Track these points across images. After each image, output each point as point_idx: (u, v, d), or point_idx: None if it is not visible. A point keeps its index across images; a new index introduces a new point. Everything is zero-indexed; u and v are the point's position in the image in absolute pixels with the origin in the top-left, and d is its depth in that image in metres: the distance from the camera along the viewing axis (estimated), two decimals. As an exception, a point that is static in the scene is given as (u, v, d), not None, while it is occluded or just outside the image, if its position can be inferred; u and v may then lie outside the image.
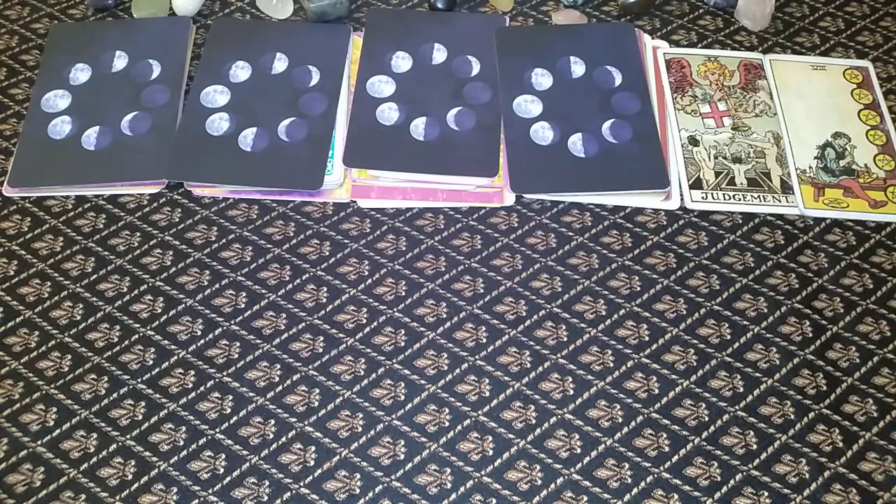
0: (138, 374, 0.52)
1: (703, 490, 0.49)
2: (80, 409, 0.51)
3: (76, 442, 0.50)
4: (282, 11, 0.69)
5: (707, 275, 0.57)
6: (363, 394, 0.52)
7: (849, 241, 0.58)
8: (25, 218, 0.59)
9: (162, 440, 0.50)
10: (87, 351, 0.53)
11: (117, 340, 0.54)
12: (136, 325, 0.54)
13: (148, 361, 0.53)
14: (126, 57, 0.65)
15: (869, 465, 0.50)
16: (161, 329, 0.54)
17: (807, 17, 0.70)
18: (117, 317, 0.55)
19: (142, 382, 0.52)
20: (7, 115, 0.64)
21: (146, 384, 0.52)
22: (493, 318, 0.55)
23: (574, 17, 0.69)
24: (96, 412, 0.51)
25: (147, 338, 0.54)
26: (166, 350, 0.53)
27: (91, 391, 0.52)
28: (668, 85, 0.65)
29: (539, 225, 0.59)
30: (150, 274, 0.57)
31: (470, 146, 0.60)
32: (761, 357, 0.53)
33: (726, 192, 0.60)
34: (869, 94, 0.65)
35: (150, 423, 0.51)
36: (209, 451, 0.50)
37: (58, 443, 0.50)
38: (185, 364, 0.53)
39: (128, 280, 0.56)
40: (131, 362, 0.53)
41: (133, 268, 0.57)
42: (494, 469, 0.49)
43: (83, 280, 0.56)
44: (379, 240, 0.58)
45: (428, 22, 0.68)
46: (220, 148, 0.60)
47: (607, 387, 0.52)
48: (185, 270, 0.57)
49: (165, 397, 0.52)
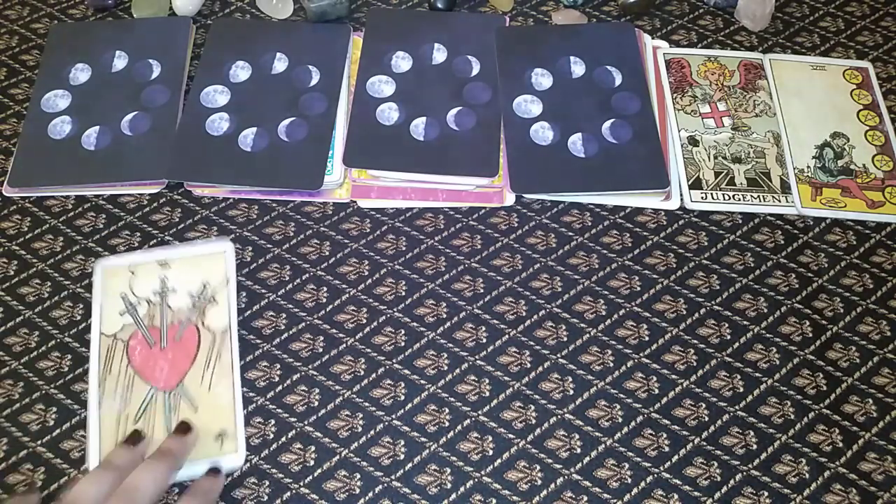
0: (138, 374, 0.52)
1: (703, 490, 0.49)
2: (80, 409, 0.51)
3: (76, 442, 0.50)
4: (282, 11, 0.69)
5: (707, 275, 0.57)
6: (363, 394, 0.52)
7: (849, 240, 0.58)
8: (25, 218, 0.59)
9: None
10: (87, 351, 0.53)
11: (117, 340, 0.54)
12: (136, 325, 0.54)
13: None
14: (126, 57, 0.65)
15: (869, 465, 0.50)
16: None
17: (807, 17, 0.70)
18: (117, 317, 0.55)
19: (142, 382, 0.52)
20: (7, 115, 0.64)
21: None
22: (493, 318, 0.55)
23: (574, 17, 0.69)
24: (96, 412, 0.51)
25: (147, 338, 0.54)
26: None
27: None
28: (668, 85, 0.65)
29: (539, 225, 0.59)
30: (150, 274, 0.57)
31: (470, 146, 0.60)
32: (761, 357, 0.54)
33: (726, 192, 0.60)
34: (868, 95, 0.65)
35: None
36: (209, 451, 0.50)
37: (58, 443, 0.50)
38: (185, 364, 0.53)
39: (128, 280, 0.56)
40: (131, 362, 0.53)
41: (133, 268, 0.57)
42: (494, 469, 0.49)
43: (83, 280, 0.56)
44: (379, 240, 0.58)
45: (428, 22, 0.68)
46: (220, 148, 0.60)
47: (607, 387, 0.52)
48: (185, 270, 0.57)
49: (165, 397, 0.52)
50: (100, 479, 0.43)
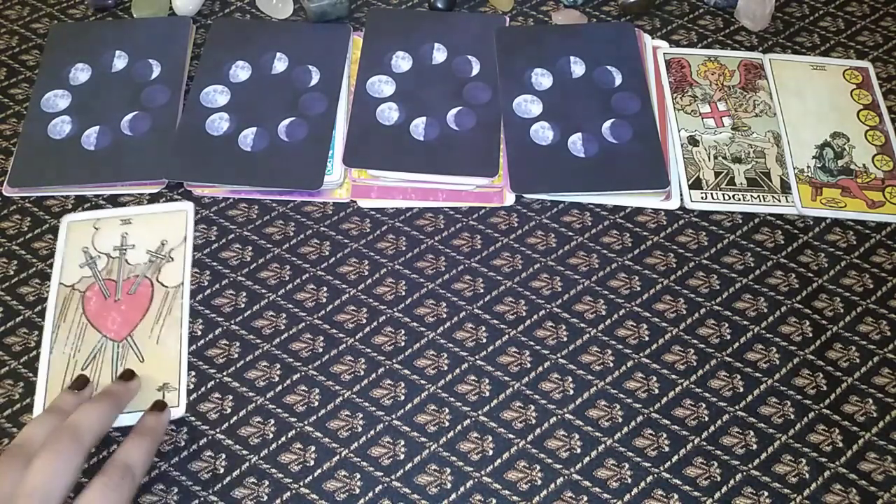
0: (138, 374, 0.52)
1: (703, 490, 0.49)
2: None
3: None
4: (282, 11, 0.69)
5: (707, 275, 0.57)
6: (363, 394, 0.52)
7: (849, 240, 0.59)
8: (25, 218, 0.59)
9: (162, 441, 0.50)
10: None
11: (117, 340, 0.54)
12: (136, 325, 0.54)
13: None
14: (126, 57, 0.65)
15: (869, 465, 0.50)
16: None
17: (807, 17, 0.70)
18: (117, 317, 0.55)
19: (142, 382, 0.52)
20: (7, 115, 0.64)
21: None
22: (493, 318, 0.55)
23: (574, 17, 0.69)
24: (96, 412, 0.51)
25: (147, 338, 0.54)
26: (166, 350, 0.53)
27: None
28: (668, 85, 0.65)
29: (539, 225, 0.59)
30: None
31: (470, 146, 0.60)
32: (761, 357, 0.54)
33: (726, 192, 0.60)
34: (868, 95, 0.65)
35: (150, 422, 0.51)
36: (209, 451, 0.50)
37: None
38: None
39: (128, 280, 0.56)
40: (131, 362, 0.53)
41: (133, 268, 0.57)
42: (494, 469, 0.49)
43: (83, 280, 0.56)
44: (379, 240, 0.58)
45: (428, 22, 0.68)
46: (220, 148, 0.60)
47: (607, 387, 0.52)
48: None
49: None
50: (45, 421, 0.45)
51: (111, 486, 0.42)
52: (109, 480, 0.42)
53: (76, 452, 0.43)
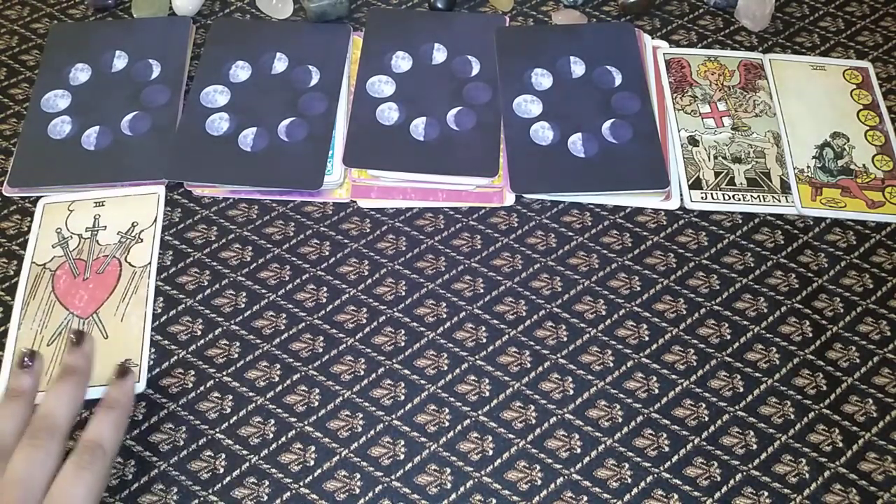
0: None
1: (703, 490, 0.49)
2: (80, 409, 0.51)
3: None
4: (282, 11, 0.69)
5: (707, 275, 0.57)
6: (363, 394, 0.52)
7: (849, 240, 0.59)
8: (25, 218, 0.59)
9: (162, 440, 0.50)
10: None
11: (117, 340, 0.54)
12: (136, 325, 0.54)
13: (148, 361, 0.53)
14: (126, 57, 0.65)
15: (869, 465, 0.50)
16: (160, 329, 0.54)
17: (807, 17, 0.70)
18: (117, 317, 0.55)
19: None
20: (7, 115, 0.64)
21: (146, 384, 0.52)
22: (493, 318, 0.55)
23: (574, 17, 0.69)
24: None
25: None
26: (165, 349, 0.53)
27: (91, 391, 0.52)
28: (668, 85, 0.65)
29: (539, 225, 0.59)
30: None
31: (470, 146, 0.60)
32: (761, 357, 0.54)
33: (726, 192, 0.60)
34: (868, 95, 0.65)
35: (149, 422, 0.51)
36: (209, 450, 0.50)
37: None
38: (184, 364, 0.53)
39: (128, 280, 0.56)
40: (131, 362, 0.53)
41: (133, 268, 0.57)
42: (494, 469, 0.49)
43: (83, 280, 0.56)
44: (379, 240, 0.58)
45: (428, 22, 0.68)
46: (219, 148, 0.60)
47: (607, 387, 0.52)
48: (185, 270, 0.57)
49: (165, 397, 0.52)
50: (12, 411, 0.45)
51: (84, 466, 0.43)
52: (81, 460, 0.43)
53: (56, 441, 0.43)
